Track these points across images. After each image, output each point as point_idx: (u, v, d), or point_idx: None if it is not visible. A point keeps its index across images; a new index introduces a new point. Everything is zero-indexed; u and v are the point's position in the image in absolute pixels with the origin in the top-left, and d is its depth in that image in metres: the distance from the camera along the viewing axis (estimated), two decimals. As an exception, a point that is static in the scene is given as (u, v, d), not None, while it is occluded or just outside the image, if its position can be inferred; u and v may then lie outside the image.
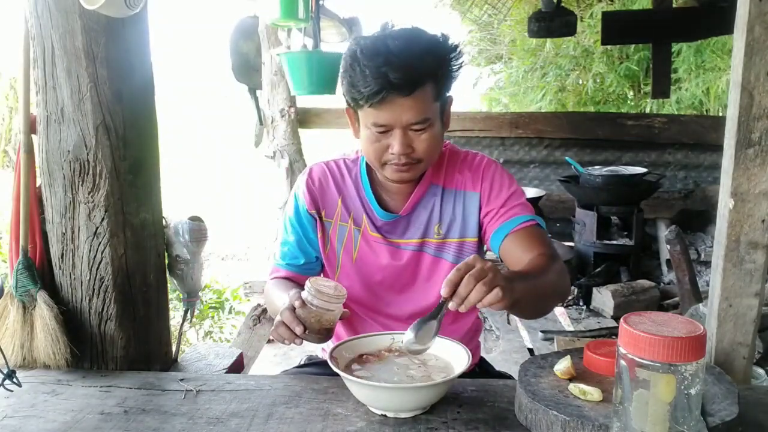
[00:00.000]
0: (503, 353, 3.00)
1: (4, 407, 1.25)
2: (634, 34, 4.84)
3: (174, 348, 1.72)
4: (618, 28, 4.59)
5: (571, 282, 3.47)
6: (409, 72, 1.21)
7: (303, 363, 1.61)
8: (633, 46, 7.13)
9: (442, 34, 1.30)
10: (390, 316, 1.49)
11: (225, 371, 1.63)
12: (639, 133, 4.53)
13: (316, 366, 1.54)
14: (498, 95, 9.15)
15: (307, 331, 1.19)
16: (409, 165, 1.32)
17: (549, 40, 7.49)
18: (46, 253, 1.49)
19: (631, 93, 7.91)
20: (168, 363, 1.63)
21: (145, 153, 1.51)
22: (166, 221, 1.63)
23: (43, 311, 1.41)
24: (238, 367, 1.71)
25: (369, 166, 1.45)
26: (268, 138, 4.09)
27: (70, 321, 1.46)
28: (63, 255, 1.47)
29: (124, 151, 1.44)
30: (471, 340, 1.56)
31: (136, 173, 1.48)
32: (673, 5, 4.80)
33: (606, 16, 4.67)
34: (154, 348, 1.57)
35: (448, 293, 1.04)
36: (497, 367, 1.64)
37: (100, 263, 1.45)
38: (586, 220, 3.72)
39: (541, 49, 8.14)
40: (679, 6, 4.87)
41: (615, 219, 3.76)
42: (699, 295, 2.90)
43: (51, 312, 1.41)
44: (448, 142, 1.47)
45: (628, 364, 0.78)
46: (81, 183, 1.43)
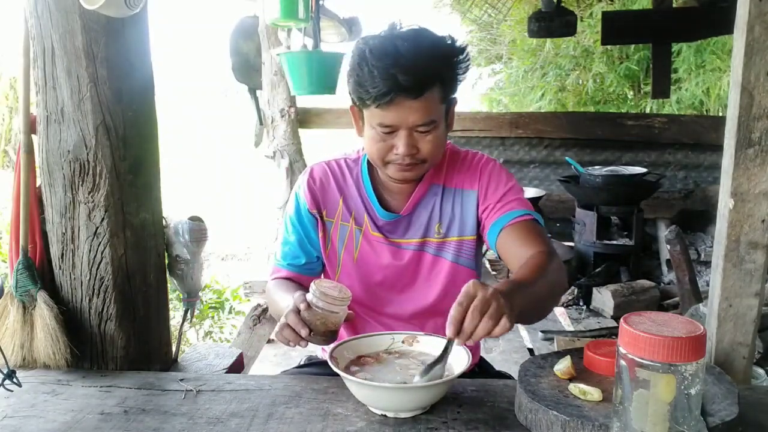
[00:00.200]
0: (503, 353, 3.00)
1: (4, 407, 1.25)
2: (634, 34, 4.83)
3: (174, 348, 1.72)
4: (618, 28, 4.58)
5: (570, 282, 3.51)
6: (418, 75, 1.22)
7: (303, 363, 1.61)
8: (633, 46, 7.13)
9: (450, 36, 1.30)
10: (391, 315, 1.49)
11: (225, 371, 1.63)
12: (639, 133, 4.52)
13: (316, 366, 1.54)
14: (498, 95, 9.15)
15: (312, 334, 1.19)
16: (412, 165, 1.32)
17: (549, 40, 7.49)
18: (46, 253, 1.49)
19: (631, 93, 7.91)
20: (168, 363, 1.63)
21: (145, 153, 1.51)
22: (166, 221, 1.63)
23: (43, 311, 1.41)
24: (238, 367, 1.71)
25: (370, 166, 1.45)
26: (268, 138, 4.08)
27: (70, 321, 1.46)
28: (63, 255, 1.47)
29: (124, 151, 1.44)
30: (471, 340, 1.55)
31: (136, 173, 1.48)
32: (673, 5, 4.79)
33: (606, 16, 4.66)
34: (154, 348, 1.57)
35: (453, 333, 1.03)
36: (497, 367, 1.64)
37: (100, 263, 1.45)
38: (586, 220, 3.72)
39: (541, 49, 8.14)
40: (679, 6, 4.87)
41: (615, 219, 3.75)
42: (699, 295, 2.90)
43: (51, 312, 1.41)
44: (449, 142, 1.47)
45: (628, 364, 0.78)
46: (81, 183, 1.43)
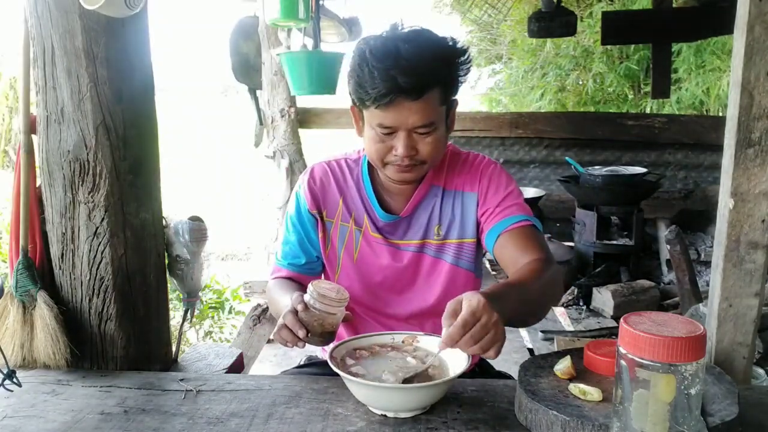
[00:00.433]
0: (503, 353, 2.98)
1: (4, 407, 1.25)
2: (634, 34, 4.83)
3: (174, 348, 1.72)
4: (618, 28, 4.58)
5: (570, 282, 3.51)
6: (418, 77, 1.21)
7: (303, 363, 1.61)
8: (633, 46, 7.13)
9: (452, 38, 1.29)
10: (390, 316, 1.49)
11: (225, 371, 1.62)
12: (639, 133, 4.52)
13: (316, 366, 1.54)
14: (498, 95, 9.15)
15: (310, 334, 1.20)
16: (411, 166, 1.32)
17: (549, 40, 7.50)
18: (46, 253, 1.49)
19: (631, 93, 7.91)
20: (168, 363, 1.63)
21: (145, 153, 1.51)
22: (166, 221, 1.63)
23: (43, 311, 1.41)
24: (238, 367, 1.71)
25: (371, 166, 1.45)
26: (268, 138, 4.08)
27: (70, 321, 1.46)
28: (63, 255, 1.47)
29: (124, 151, 1.44)
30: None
31: (136, 173, 1.48)
32: (673, 5, 4.79)
33: (606, 16, 4.66)
34: (154, 348, 1.57)
35: (447, 348, 1.07)
36: (497, 367, 1.63)
37: (100, 263, 1.45)
38: (586, 220, 3.72)
39: (541, 49, 8.15)
40: (679, 6, 4.87)
41: (615, 219, 3.75)
42: (699, 295, 2.90)
43: (51, 312, 1.41)
44: (450, 143, 1.47)
45: (628, 364, 0.78)
46: (81, 183, 1.43)
